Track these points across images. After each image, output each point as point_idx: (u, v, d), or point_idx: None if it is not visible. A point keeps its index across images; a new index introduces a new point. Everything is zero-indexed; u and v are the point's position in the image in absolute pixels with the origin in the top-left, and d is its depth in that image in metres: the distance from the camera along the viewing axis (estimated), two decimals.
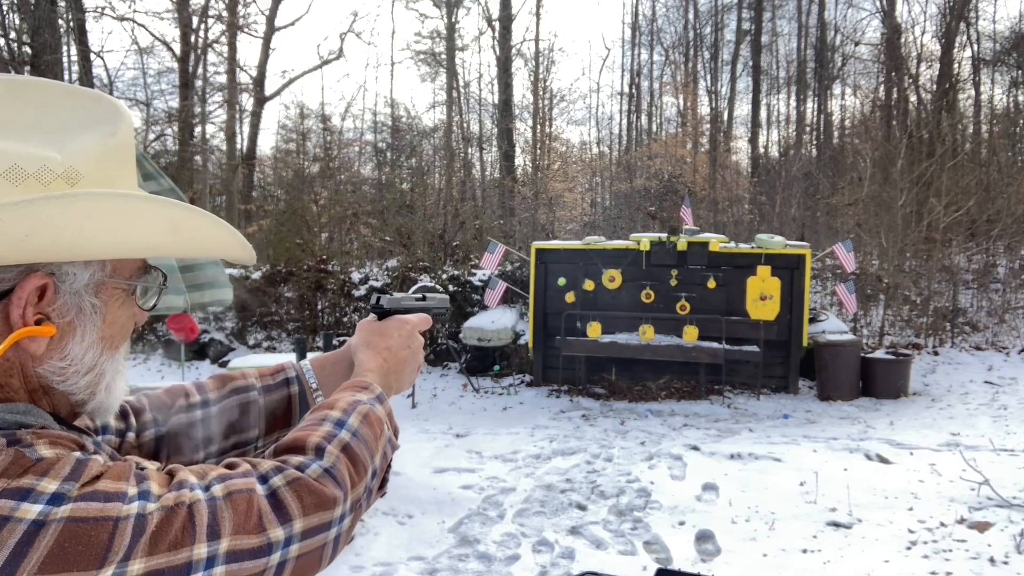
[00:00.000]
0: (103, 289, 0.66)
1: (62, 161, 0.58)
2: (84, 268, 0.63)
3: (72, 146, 0.59)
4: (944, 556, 3.92)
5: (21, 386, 0.62)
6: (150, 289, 0.72)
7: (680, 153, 20.10)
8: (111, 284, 0.66)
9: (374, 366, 0.92)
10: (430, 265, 11.89)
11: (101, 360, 0.66)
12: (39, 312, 0.61)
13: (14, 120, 0.58)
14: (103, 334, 0.66)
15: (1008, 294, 11.61)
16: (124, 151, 0.64)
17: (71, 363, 0.64)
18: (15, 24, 13.98)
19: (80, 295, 0.63)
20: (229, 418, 0.92)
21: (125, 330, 0.69)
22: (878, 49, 21.62)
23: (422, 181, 16.59)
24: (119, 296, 0.68)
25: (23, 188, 0.56)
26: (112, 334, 0.67)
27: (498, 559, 4.09)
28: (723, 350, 8.47)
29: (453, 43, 22.21)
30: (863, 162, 14.47)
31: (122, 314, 0.68)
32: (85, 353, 0.65)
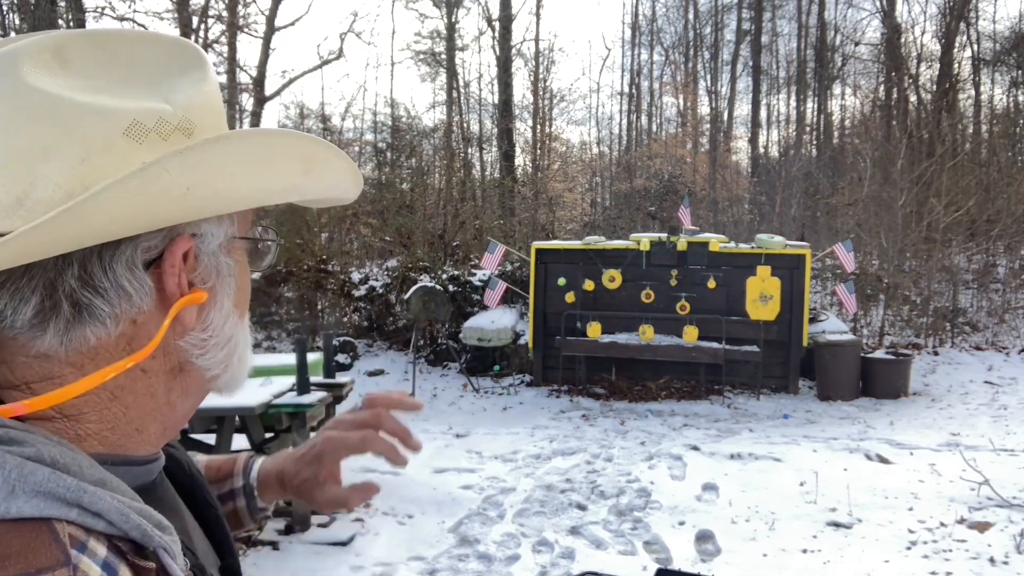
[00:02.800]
0: (234, 248, 0.59)
1: (174, 112, 0.53)
2: (219, 225, 0.57)
3: (177, 96, 0.54)
4: (944, 556, 3.92)
5: (161, 367, 0.56)
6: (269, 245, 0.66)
7: (680, 153, 20.11)
8: (239, 243, 0.60)
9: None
10: (430, 265, 11.89)
11: (237, 330, 0.60)
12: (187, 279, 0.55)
13: (111, 75, 0.53)
14: (236, 300, 0.60)
15: (1008, 294, 11.62)
16: (217, 97, 0.60)
17: (212, 334, 0.58)
18: (15, 24, 13.99)
19: (217, 256, 0.57)
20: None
21: (248, 293, 0.63)
22: (878, 49, 21.62)
23: (422, 181, 16.58)
24: (243, 255, 0.62)
25: (147, 145, 0.51)
26: (241, 300, 0.61)
27: (498, 559, 4.09)
28: (723, 350, 8.47)
29: (453, 43, 22.21)
30: (863, 162, 14.47)
31: (247, 277, 0.62)
32: (224, 322, 0.59)
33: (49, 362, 0.51)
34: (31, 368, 0.51)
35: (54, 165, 0.48)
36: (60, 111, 0.49)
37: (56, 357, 0.51)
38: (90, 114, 0.49)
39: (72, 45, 0.52)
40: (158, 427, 0.58)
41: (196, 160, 0.50)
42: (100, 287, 0.50)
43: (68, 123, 0.49)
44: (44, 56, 0.50)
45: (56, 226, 0.46)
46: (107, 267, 0.51)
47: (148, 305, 0.53)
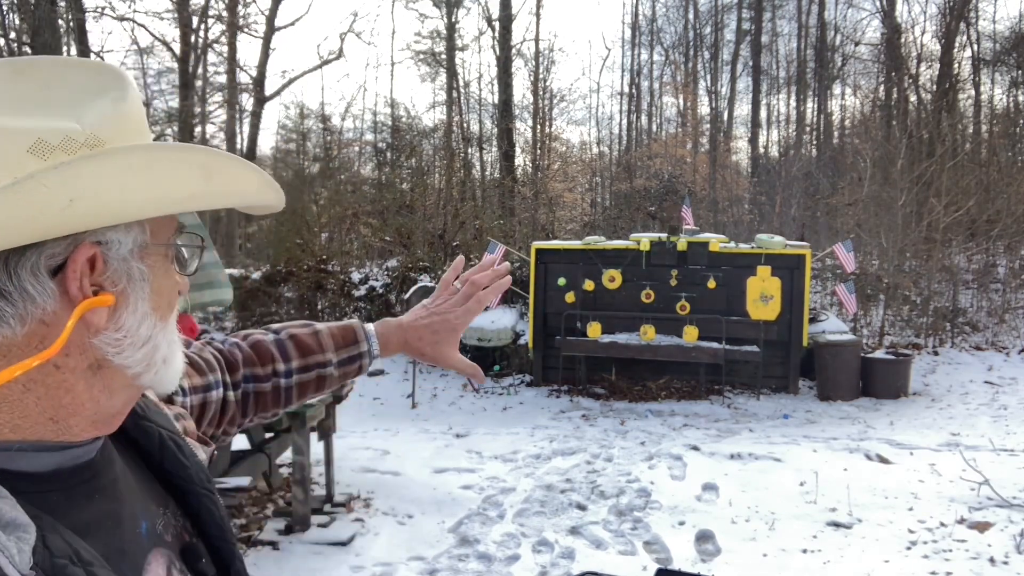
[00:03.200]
0: (147, 254, 0.63)
1: (82, 130, 0.57)
2: (127, 232, 0.61)
3: (89, 116, 0.58)
4: (944, 556, 3.92)
5: (77, 365, 0.60)
6: (189, 252, 0.70)
7: (680, 153, 20.11)
8: (153, 249, 0.64)
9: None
10: (430, 265, 11.90)
11: (155, 332, 0.64)
12: (93, 283, 0.59)
13: (25, 98, 0.57)
14: (153, 304, 0.64)
15: (1008, 294, 11.61)
16: (137, 115, 0.63)
17: (126, 335, 0.61)
18: (15, 24, 13.98)
19: (128, 262, 0.61)
20: (307, 388, 1.05)
21: (171, 299, 0.67)
22: (878, 49, 21.63)
23: (422, 181, 16.58)
24: (161, 262, 0.65)
25: (52, 161, 0.54)
26: (161, 303, 0.65)
27: (498, 559, 4.09)
28: (723, 350, 8.47)
29: (453, 43, 22.21)
30: (863, 162, 14.47)
31: (167, 281, 0.66)
32: (140, 324, 0.62)
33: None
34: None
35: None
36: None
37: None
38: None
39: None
40: (81, 420, 0.61)
41: (73, 174, 0.53)
42: (5, 290, 0.55)
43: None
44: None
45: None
46: (12, 272, 0.55)
47: (52, 307, 0.57)
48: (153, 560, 0.66)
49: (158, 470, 0.76)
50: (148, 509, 0.70)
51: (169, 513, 0.73)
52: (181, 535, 0.73)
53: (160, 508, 0.72)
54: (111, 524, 0.64)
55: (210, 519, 0.77)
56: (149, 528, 0.68)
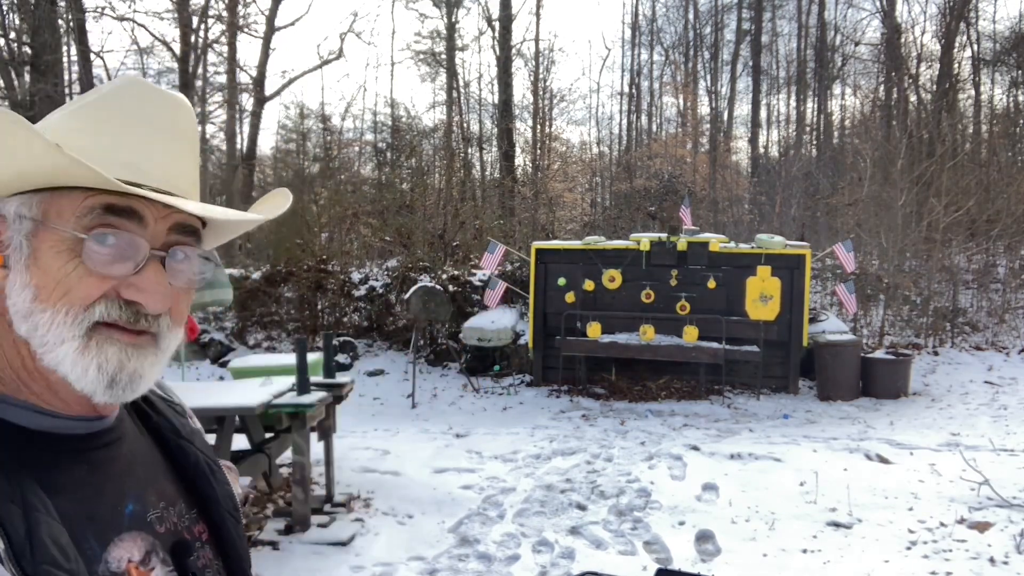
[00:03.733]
0: (39, 231, 0.65)
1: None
2: (11, 202, 0.66)
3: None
4: (944, 556, 3.92)
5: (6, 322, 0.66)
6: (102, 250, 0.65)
7: (680, 153, 20.10)
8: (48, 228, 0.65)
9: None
10: (430, 265, 11.89)
11: (34, 310, 0.64)
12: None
13: None
14: (36, 280, 0.64)
15: (1008, 294, 11.62)
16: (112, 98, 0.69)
17: (13, 302, 0.65)
18: (15, 24, 13.98)
19: (19, 231, 0.66)
20: None
21: (65, 287, 0.64)
22: (878, 49, 21.63)
23: (422, 181, 16.58)
24: (58, 243, 0.65)
25: None
26: (44, 284, 0.64)
27: (498, 559, 4.09)
28: (723, 350, 8.47)
29: (453, 43, 22.21)
30: (863, 162, 14.47)
31: (56, 264, 0.64)
32: (20, 293, 0.65)
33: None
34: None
35: None
36: None
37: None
38: None
39: None
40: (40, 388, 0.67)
41: None
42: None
43: None
44: None
45: None
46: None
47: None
48: (128, 540, 0.69)
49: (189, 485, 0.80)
50: (144, 498, 0.73)
51: (173, 511, 0.76)
52: (180, 533, 0.75)
53: (162, 503, 0.75)
54: (89, 492, 0.68)
55: (231, 541, 0.81)
56: (135, 512, 0.71)
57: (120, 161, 0.67)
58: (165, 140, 0.70)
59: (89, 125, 0.68)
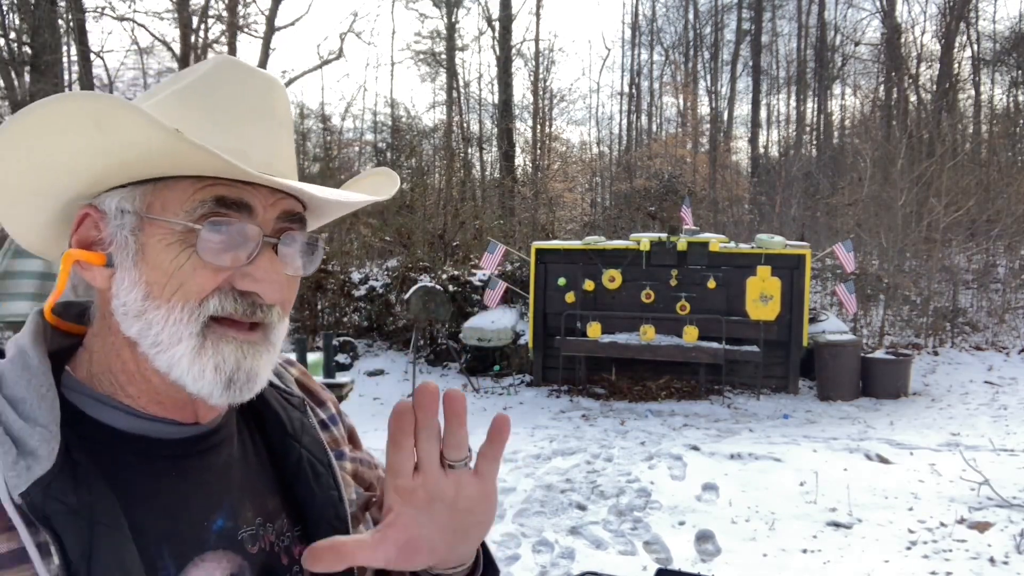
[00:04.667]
0: (145, 225, 0.61)
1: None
2: (112, 196, 0.62)
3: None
4: (944, 556, 3.92)
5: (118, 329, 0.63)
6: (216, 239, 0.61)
7: (680, 153, 20.10)
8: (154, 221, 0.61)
9: None
10: (430, 265, 11.90)
11: (147, 307, 0.60)
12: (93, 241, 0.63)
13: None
14: (146, 277, 0.60)
15: (1008, 294, 11.62)
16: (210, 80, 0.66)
17: (120, 301, 0.61)
18: (15, 24, 13.98)
19: (121, 228, 0.62)
20: None
21: (178, 281, 0.60)
22: (878, 49, 21.64)
23: (422, 181, 16.59)
24: (167, 236, 0.60)
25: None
26: (156, 279, 0.60)
27: (498, 559, 4.08)
28: (723, 350, 8.47)
29: (453, 43, 22.22)
30: (863, 162, 14.48)
31: (167, 258, 0.60)
32: (130, 291, 0.61)
33: None
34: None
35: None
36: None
37: None
38: None
39: None
40: (139, 391, 0.64)
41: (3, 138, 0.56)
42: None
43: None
44: None
45: None
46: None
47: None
48: (212, 560, 0.63)
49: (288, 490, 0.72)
50: (238, 511, 0.66)
51: (271, 528, 0.68)
52: (277, 554, 0.68)
53: (258, 518, 0.68)
54: (173, 504, 0.62)
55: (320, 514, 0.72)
56: (225, 528, 0.65)
57: (228, 148, 0.60)
58: (266, 124, 0.65)
59: (192, 111, 0.63)
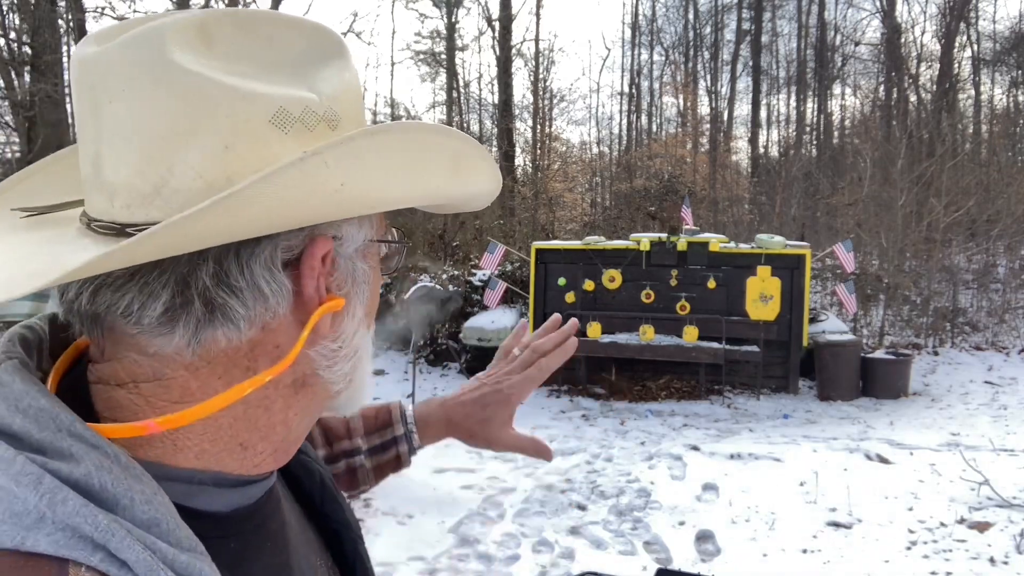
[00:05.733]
0: (370, 253, 0.55)
1: (320, 102, 0.49)
2: (359, 227, 0.53)
3: (321, 85, 0.50)
4: (944, 556, 3.92)
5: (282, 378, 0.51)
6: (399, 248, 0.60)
7: (680, 153, 20.11)
8: (374, 247, 0.56)
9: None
10: (430, 265, 11.90)
11: (364, 342, 0.56)
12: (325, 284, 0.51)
13: (255, 59, 0.48)
14: (367, 309, 0.55)
15: (1008, 294, 11.62)
16: (358, 87, 0.55)
17: (342, 345, 0.53)
18: (15, 24, 13.97)
19: (353, 260, 0.53)
20: (339, 480, 0.87)
21: (378, 301, 0.58)
22: (878, 49, 21.64)
23: None
24: (375, 260, 0.56)
25: (293, 135, 0.46)
26: (372, 308, 0.57)
27: (498, 559, 4.09)
28: (723, 350, 8.47)
29: (453, 43, 22.23)
30: (863, 162, 14.47)
31: (378, 283, 0.57)
32: (355, 331, 0.54)
33: (163, 362, 0.46)
34: (142, 367, 0.47)
35: (195, 151, 0.44)
36: (205, 93, 0.44)
37: (174, 359, 0.46)
38: (236, 98, 0.44)
39: (216, 25, 0.47)
40: (268, 446, 0.52)
41: (355, 153, 0.45)
42: (236, 286, 0.46)
43: (213, 106, 0.44)
44: (189, 34, 0.45)
45: (208, 218, 0.41)
46: (244, 265, 0.46)
47: (284, 309, 0.48)
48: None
49: (316, 512, 0.67)
50: (311, 561, 0.60)
51: (323, 565, 0.63)
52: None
53: (318, 559, 0.63)
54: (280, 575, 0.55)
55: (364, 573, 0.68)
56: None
57: None
58: None
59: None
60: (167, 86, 0.43)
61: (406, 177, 0.50)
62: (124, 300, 0.44)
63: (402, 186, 0.50)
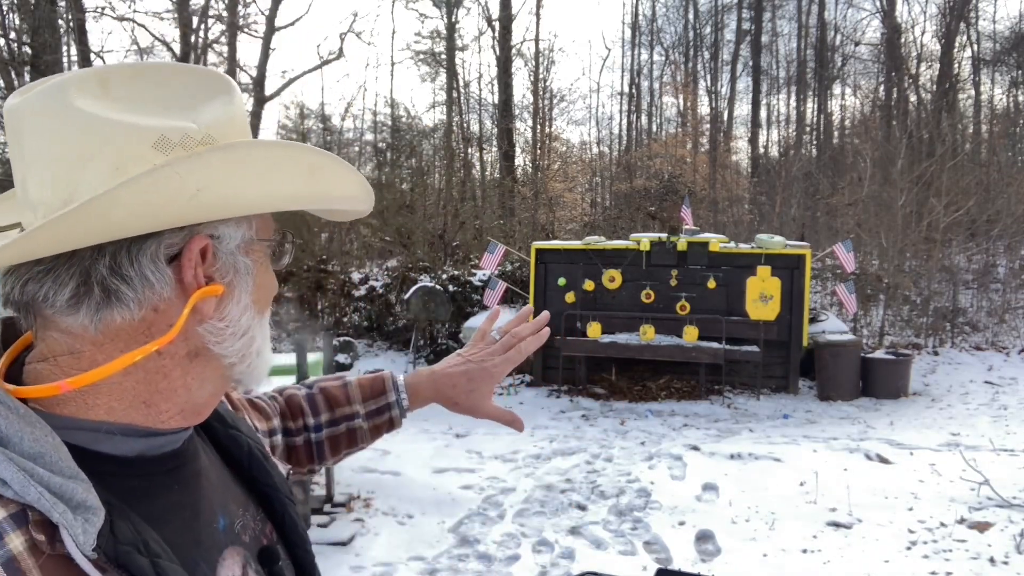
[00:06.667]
0: (252, 250, 0.66)
1: (199, 129, 0.60)
2: (236, 227, 0.64)
3: (203, 116, 0.62)
4: (944, 556, 3.92)
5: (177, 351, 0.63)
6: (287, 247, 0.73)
7: (680, 153, 20.10)
8: (258, 245, 0.67)
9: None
10: (430, 265, 11.90)
11: (253, 324, 0.67)
12: (205, 274, 0.62)
13: (147, 99, 0.61)
14: (254, 297, 0.67)
15: (1008, 294, 11.62)
16: (242, 117, 0.67)
17: (229, 324, 0.64)
18: (15, 24, 13.98)
19: (235, 255, 0.64)
20: (339, 442, 1.05)
21: (269, 293, 0.70)
22: (878, 49, 21.64)
23: (422, 181, 16.60)
24: (263, 258, 0.69)
25: (172, 156, 0.58)
26: (260, 297, 0.68)
27: (498, 559, 4.09)
28: (723, 350, 8.47)
29: (453, 43, 22.21)
30: (863, 162, 14.48)
31: (267, 276, 0.69)
32: (241, 315, 0.65)
33: (74, 338, 0.59)
34: (59, 343, 0.59)
35: (92, 172, 0.56)
36: (98, 127, 0.57)
37: (82, 335, 0.59)
38: (123, 130, 0.57)
39: (115, 75, 0.60)
40: (171, 407, 0.63)
41: (203, 163, 0.57)
42: (127, 276, 0.58)
43: (105, 137, 0.57)
44: (89, 83, 0.58)
45: (81, 218, 0.53)
46: (134, 259, 0.58)
47: (168, 294, 0.60)
48: (228, 556, 0.67)
49: (245, 477, 0.78)
50: (228, 508, 0.71)
51: (248, 515, 0.74)
52: (259, 538, 0.74)
53: (240, 509, 0.73)
54: (189, 515, 0.65)
55: (293, 527, 0.80)
56: (227, 526, 0.69)
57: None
58: None
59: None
60: (70, 124, 0.57)
61: (260, 184, 0.60)
62: (43, 289, 0.58)
63: (258, 191, 0.60)
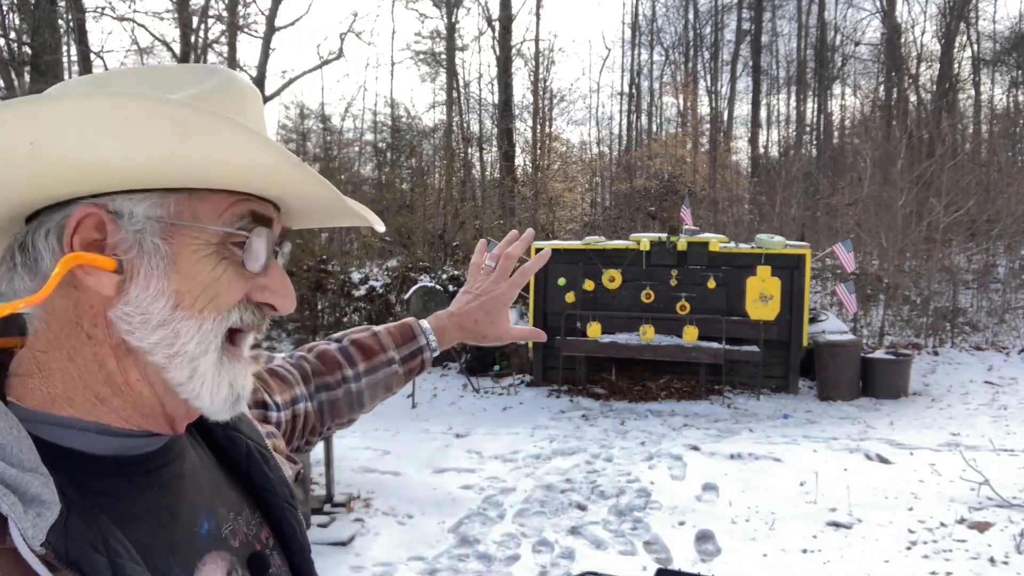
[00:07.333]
0: (175, 233, 0.59)
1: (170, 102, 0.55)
2: (138, 202, 0.59)
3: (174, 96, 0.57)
4: (944, 556, 3.92)
5: (106, 339, 0.59)
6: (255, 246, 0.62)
7: (680, 153, 20.10)
8: (185, 228, 0.59)
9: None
10: (430, 265, 11.90)
11: (175, 318, 0.59)
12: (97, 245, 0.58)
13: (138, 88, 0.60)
14: (176, 286, 0.59)
15: (1008, 294, 11.62)
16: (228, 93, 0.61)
17: (135, 308, 0.58)
18: (15, 24, 13.97)
19: (142, 233, 0.58)
20: (377, 388, 1.08)
21: (213, 292, 0.60)
22: (878, 49, 21.64)
23: (422, 181, 16.61)
24: (202, 247, 0.60)
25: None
26: (189, 290, 0.59)
27: (498, 559, 4.09)
28: (723, 350, 8.47)
29: (453, 43, 22.21)
30: (863, 162, 14.48)
31: (204, 268, 0.60)
32: (152, 302, 0.58)
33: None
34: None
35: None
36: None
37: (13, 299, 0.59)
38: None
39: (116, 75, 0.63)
40: (124, 405, 0.61)
41: (29, 112, 0.51)
42: (24, 244, 0.60)
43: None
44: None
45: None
46: (32, 231, 0.60)
47: (52, 260, 0.59)
48: (210, 561, 0.64)
49: (244, 480, 0.75)
50: (215, 512, 0.68)
51: (241, 520, 0.71)
52: (251, 543, 0.71)
53: (231, 513, 0.70)
54: (165, 518, 0.62)
55: (292, 534, 0.76)
56: (212, 530, 0.66)
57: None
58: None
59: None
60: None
61: (117, 143, 0.54)
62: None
63: (115, 151, 0.55)
